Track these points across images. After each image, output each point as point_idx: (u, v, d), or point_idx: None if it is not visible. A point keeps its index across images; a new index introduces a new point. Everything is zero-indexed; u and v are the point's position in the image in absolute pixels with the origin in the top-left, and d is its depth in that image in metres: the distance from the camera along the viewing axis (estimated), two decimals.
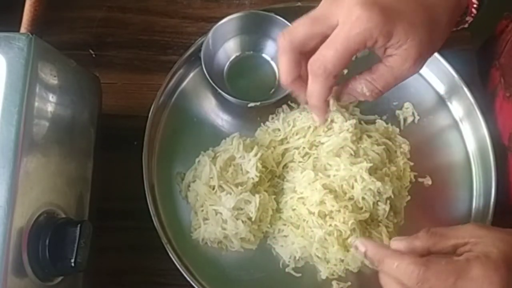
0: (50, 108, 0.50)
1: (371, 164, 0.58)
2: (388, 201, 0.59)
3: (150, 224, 0.56)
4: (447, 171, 0.64)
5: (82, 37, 0.69)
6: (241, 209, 0.57)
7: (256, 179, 0.59)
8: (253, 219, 0.57)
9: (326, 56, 0.44)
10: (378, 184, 0.57)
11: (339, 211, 0.56)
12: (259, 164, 0.59)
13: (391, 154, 0.63)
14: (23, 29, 0.61)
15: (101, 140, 0.59)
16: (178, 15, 0.71)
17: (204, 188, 0.58)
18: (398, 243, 0.46)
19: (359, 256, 0.56)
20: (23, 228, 0.45)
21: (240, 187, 0.58)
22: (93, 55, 0.69)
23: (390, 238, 0.58)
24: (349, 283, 0.58)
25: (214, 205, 0.57)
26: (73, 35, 0.69)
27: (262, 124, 0.64)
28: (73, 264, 0.47)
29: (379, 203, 0.59)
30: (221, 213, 0.57)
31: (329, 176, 0.58)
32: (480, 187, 0.63)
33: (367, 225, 0.59)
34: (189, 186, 0.60)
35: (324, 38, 0.44)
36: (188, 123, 0.64)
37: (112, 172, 0.61)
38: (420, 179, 0.63)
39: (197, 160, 0.61)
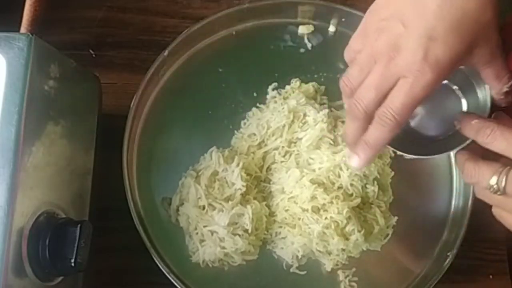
0: (49, 108, 0.50)
1: None
2: (375, 182, 0.60)
3: None
4: None
5: (82, 37, 0.69)
6: (236, 223, 0.57)
7: (244, 189, 0.58)
8: (249, 231, 0.57)
9: (397, 106, 0.45)
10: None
11: (331, 202, 0.57)
12: (243, 173, 0.58)
13: None
14: (23, 29, 0.61)
15: (101, 140, 0.59)
16: (178, 15, 0.71)
17: (194, 210, 0.57)
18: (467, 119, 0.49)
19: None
20: (23, 228, 0.45)
21: (230, 202, 0.57)
22: (93, 55, 0.69)
23: (384, 218, 0.60)
24: (354, 269, 0.59)
25: (208, 225, 0.57)
26: (73, 35, 0.69)
27: (235, 131, 0.63)
28: (73, 264, 0.47)
29: (367, 185, 0.60)
30: (217, 232, 0.57)
31: (314, 170, 0.59)
32: None
33: (360, 210, 0.60)
34: (177, 210, 0.60)
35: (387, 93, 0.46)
36: (162, 142, 0.63)
37: (112, 172, 0.61)
38: (398, 152, 0.63)
39: (180, 182, 0.60)
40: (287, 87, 0.65)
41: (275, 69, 0.66)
